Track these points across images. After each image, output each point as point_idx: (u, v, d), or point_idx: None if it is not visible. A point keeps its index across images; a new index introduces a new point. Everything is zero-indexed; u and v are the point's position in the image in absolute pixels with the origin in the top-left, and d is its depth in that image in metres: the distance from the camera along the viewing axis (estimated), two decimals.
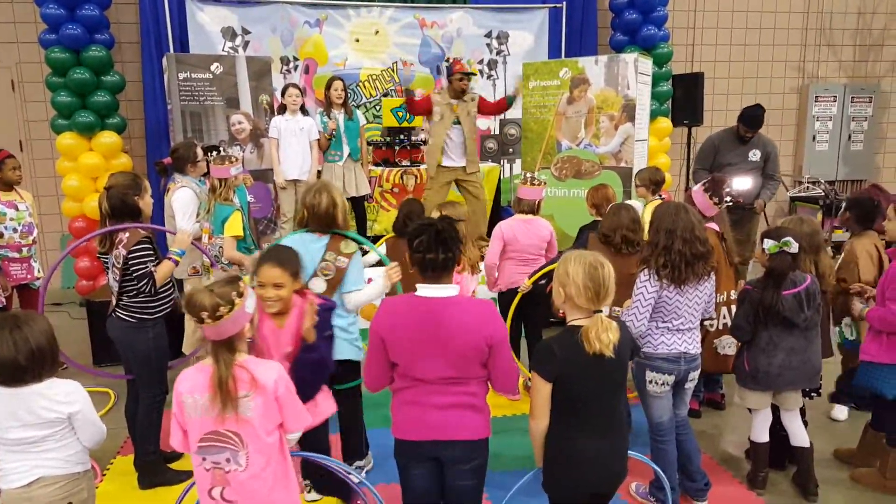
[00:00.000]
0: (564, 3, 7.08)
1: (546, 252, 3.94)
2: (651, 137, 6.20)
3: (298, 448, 2.23)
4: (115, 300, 3.01)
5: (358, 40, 6.75)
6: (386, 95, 6.79)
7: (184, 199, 3.88)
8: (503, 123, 6.73)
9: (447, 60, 6.93)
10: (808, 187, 7.49)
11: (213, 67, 5.41)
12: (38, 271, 4.47)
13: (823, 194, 7.13)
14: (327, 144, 5.29)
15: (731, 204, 4.43)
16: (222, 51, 6.32)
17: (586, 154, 5.44)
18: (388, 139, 6.13)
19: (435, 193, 5.35)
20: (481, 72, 6.97)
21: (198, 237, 3.82)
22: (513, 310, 3.76)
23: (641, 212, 3.85)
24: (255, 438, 1.86)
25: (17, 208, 4.33)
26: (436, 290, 2.03)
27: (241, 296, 1.85)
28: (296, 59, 6.66)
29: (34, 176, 6.55)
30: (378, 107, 6.73)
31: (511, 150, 6.69)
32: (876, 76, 8.45)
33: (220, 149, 4.44)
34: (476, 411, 2.07)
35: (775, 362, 2.89)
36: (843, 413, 3.77)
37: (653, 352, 2.75)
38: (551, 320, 4.12)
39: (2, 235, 4.23)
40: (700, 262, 2.69)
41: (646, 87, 5.51)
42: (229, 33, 6.40)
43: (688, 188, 6.26)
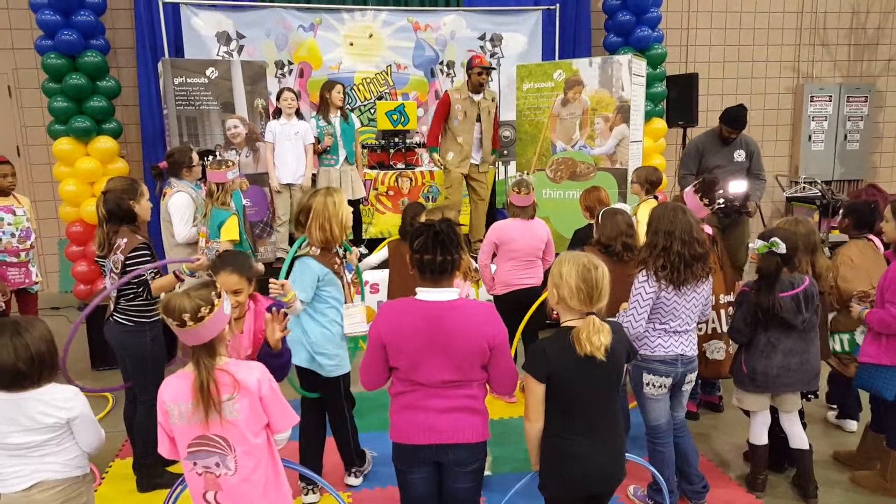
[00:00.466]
0: (558, 4, 7.08)
1: (544, 254, 3.94)
2: (646, 138, 6.20)
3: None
4: (112, 304, 3.03)
5: (352, 44, 6.75)
6: (380, 99, 6.79)
7: (180, 204, 3.89)
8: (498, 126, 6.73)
9: (440, 63, 6.95)
10: (804, 187, 7.50)
11: (208, 72, 5.41)
12: (36, 276, 4.49)
13: (820, 194, 7.13)
14: (321, 151, 5.30)
15: (723, 207, 4.45)
16: (217, 55, 6.33)
17: (581, 156, 5.44)
18: (383, 142, 6.13)
19: (458, 188, 5.53)
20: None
21: (195, 241, 3.82)
22: (527, 316, 3.69)
23: (631, 211, 3.84)
24: (242, 441, 1.86)
25: (14, 213, 4.34)
26: (436, 294, 2.03)
27: (219, 297, 1.85)
28: (290, 63, 6.66)
29: (31, 181, 6.55)
30: (372, 110, 6.73)
31: (506, 151, 6.69)
32: (871, 75, 8.46)
33: (215, 153, 4.44)
34: (476, 414, 2.07)
35: (774, 364, 2.89)
36: (852, 425, 3.69)
37: (650, 354, 2.75)
38: (546, 322, 4.11)
39: (0, 240, 4.24)
40: (698, 263, 2.69)
41: (640, 88, 5.52)
42: (224, 38, 6.41)
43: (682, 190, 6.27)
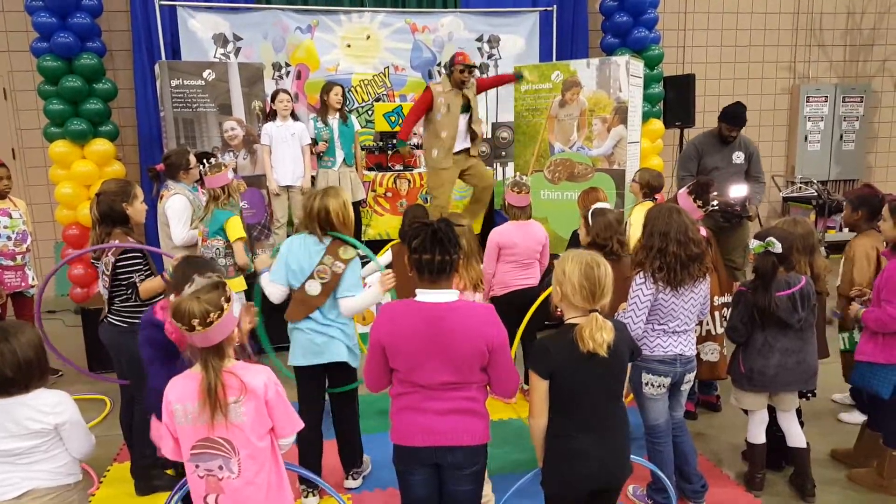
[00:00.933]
0: (555, 6, 7.10)
1: (540, 256, 3.94)
2: (643, 139, 6.22)
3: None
4: (106, 306, 3.03)
5: (349, 45, 6.76)
6: (378, 100, 6.79)
7: (177, 206, 3.88)
8: (495, 127, 6.74)
9: (438, 64, 6.95)
10: (800, 187, 7.52)
11: (205, 74, 5.40)
12: (33, 279, 4.49)
13: (816, 194, 7.15)
14: (318, 154, 5.30)
15: (724, 211, 4.44)
16: (214, 57, 6.33)
17: (579, 157, 5.45)
18: (381, 144, 6.13)
19: (449, 187, 5.26)
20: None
21: (193, 243, 3.82)
22: (528, 315, 3.67)
23: (626, 213, 3.84)
24: (246, 444, 1.86)
25: (10, 216, 4.34)
26: (435, 296, 2.02)
27: (228, 300, 1.82)
28: (288, 64, 6.66)
29: (27, 184, 6.54)
30: (370, 112, 6.74)
31: (504, 153, 6.70)
32: (867, 76, 8.51)
33: (213, 155, 4.43)
34: (477, 416, 2.07)
35: (771, 363, 2.90)
36: (856, 416, 3.69)
37: (649, 354, 2.75)
38: (546, 323, 4.11)
39: None
40: (695, 263, 2.69)
41: (637, 89, 5.53)
42: (221, 40, 6.41)
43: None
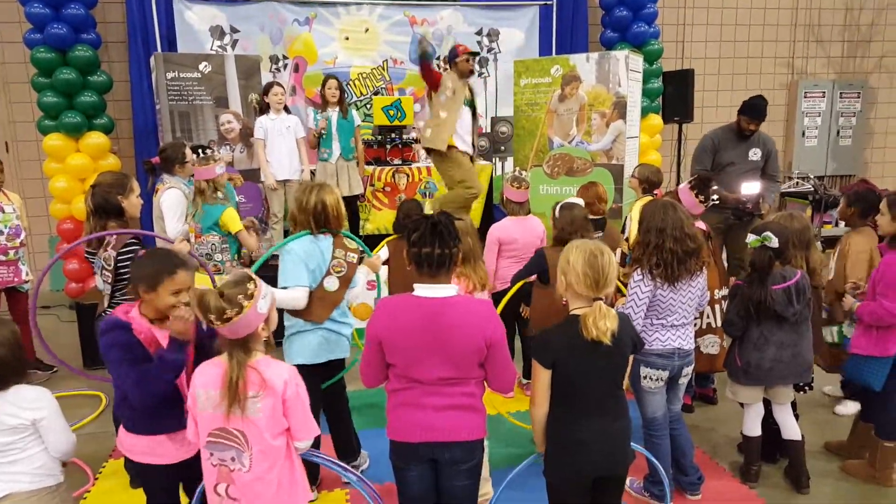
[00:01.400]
0: (555, 0, 7.08)
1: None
2: (642, 134, 6.22)
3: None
4: (106, 301, 2.99)
5: (348, 38, 6.72)
6: (377, 94, 6.77)
7: (172, 200, 3.85)
8: (495, 121, 6.73)
9: (437, 58, 6.91)
10: (797, 183, 7.53)
11: (201, 66, 5.37)
12: (27, 274, 4.43)
13: (813, 189, 7.17)
14: (315, 142, 5.25)
15: (735, 208, 4.41)
16: (210, 49, 6.29)
17: (578, 151, 5.44)
18: (380, 138, 6.11)
19: (467, 169, 4.85)
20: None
21: (185, 238, 3.80)
22: (501, 307, 3.70)
23: (629, 209, 3.84)
24: (259, 440, 1.85)
25: (3, 211, 4.29)
26: (434, 290, 2.01)
27: (250, 298, 1.81)
28: (285, 57, 6.63)
29: (21, 178, 6.48)
30: (369, 105, 6.71)
31: (503, 147, 6.69)
32: (864, 72, 8.51)
33: (209, 148, 4.41)
34: (473, 412, 2.07)
35: (767, 357, 2.91)
36: (850, 408, 3.71)
37: (647, 348, 2.75)
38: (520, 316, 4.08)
39: None
40: (692, 258, 2.70)
41: (637, 84, 5.52)
42: (217, 32, 6.37)
43: (678, 185, 6.27)
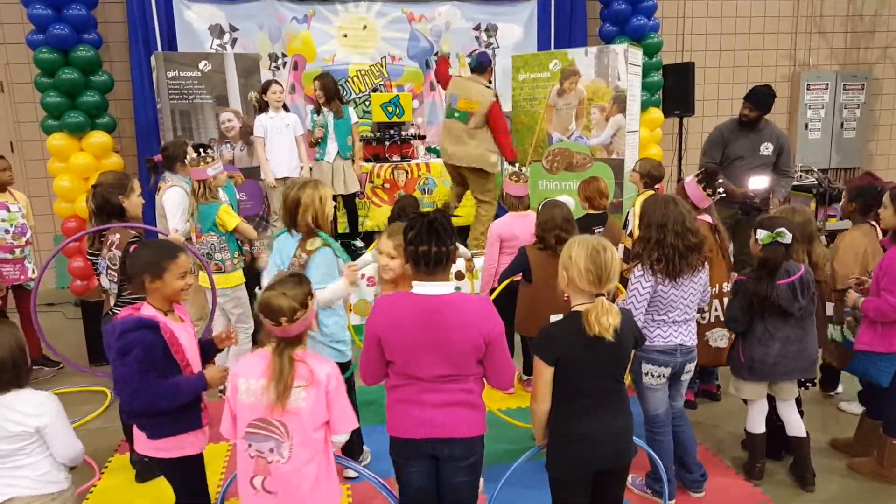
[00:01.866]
0: None
1: None
2: (642, 128, 6.18)
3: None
4: (113, 300, 3.00)
5: (346, 36, 6.71)
6: (375, 91, 6.75)
7: (174, 198, 3.87)
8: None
9: (435, 54, 6.90)
10: (801, 176, 7.49)
11: (201, 65, 5.37)
12: (33, 272, 4.48)
13: (817, 183, 7.12)
14: (314, 143, 5.27)
15: (742, 203, 4.37)
16: (210, 48, 6.29)
17: (577, 146, 5.42)
18: (378, 135, 6.10)
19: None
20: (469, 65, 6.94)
21: (187, 237, 3.81)
22: (494, 295, 3.66)
23: (631, 204, 3.82)
24: (300, 431, 1.87)
25: (8, 210, 4.32)
26: (432, 288, 2.02)
27: (311, 295, 1.90)
28: (284, 55, 6.62)
29: (26, 177, 6.50)
30: (367, 102, 6.70)
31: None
32: (868, 63, 8.45)
33: (211, 147, 4.41)
34: (472, 408, 2.07)
35: (771, 352, 2.89)
36: (855, 407, 3.64)
37: (649, 345, 2.74)
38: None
39: None
40: (693, 253, 2.68)
41: (636, 77, 5.50)
42: (217, 31, 6.37)
43: (680, 179, 6.24)
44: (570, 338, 2.03)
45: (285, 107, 5.29)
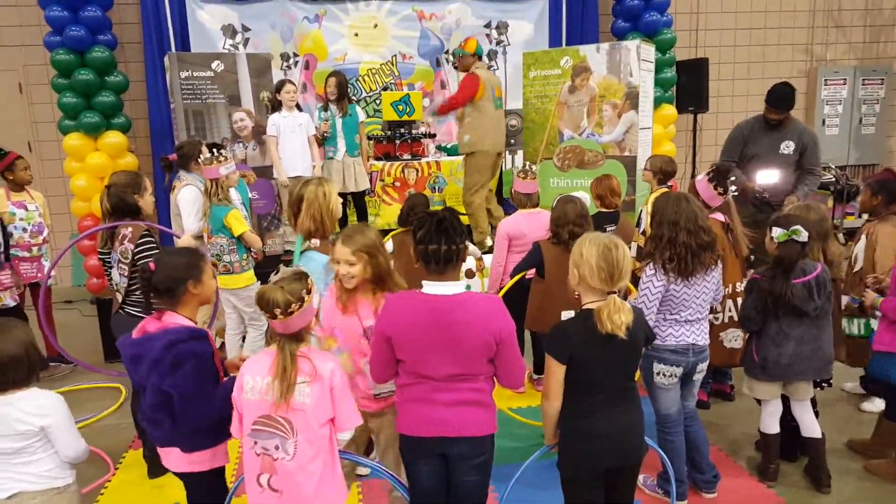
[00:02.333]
0: None
1: None
2: (655, 125, 6.12)
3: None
4: (122, 297, 3.02)
5: (357, 34, 6.73)
6: (386, 89, 6.77)
7: (189, 197, 3.90)
8: (504, 114, 6.68)
9: (446, 52, 6.90)
10: None
11: (214, 65, 5.41)
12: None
13: (834, 180, 7.03)
14: (320, 142, 5.31)
15: (754, 199, 4.31)
16: (223, 48, 6.34)
17: (589, 143, 5.38)
18: (389, 133, 6.11)
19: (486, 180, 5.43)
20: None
21: (198, 236, 3.83)
22: (502, 292, 3.66)
23: (644, 201, 3.79)
24: (306, 427, 1.88)
25: (26, 208, 4.39)
26: (442, 288, 2.01)
27: (309, 292, 1.89)
28: (296, 55, 6.66)
29: (43, 177, 6.60)
30: (378, 101, 6.71)
31: (513, 140, 6.65)
32: (888, 57, 8.30)
33: (224, 147, 4.45)
34: (483, 407, 2.07)
35: (786, 352, 2.86)
36: (877, 405, 3.61)
37: (661, 343, 2.72)
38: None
39: (11, 235, 4.28)
40: (706, 252, 2.65)
41: (649, 74, 5.44)
42: (229, 31, 6.42)
43: (693, 176, 6.17)
44: (583, 335, 2.02)
45: (298, 106, 5.33)
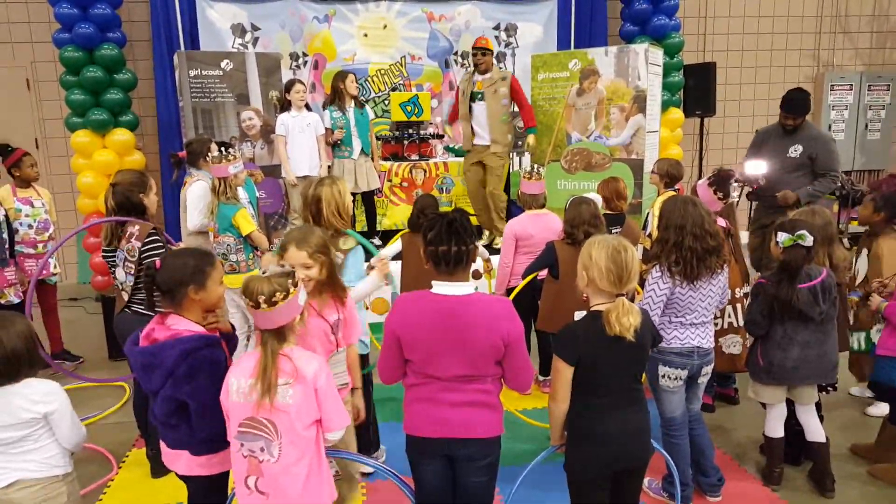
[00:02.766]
0: None
1: None
2: (663, 128, 6.14)
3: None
4: (128, 295, 3.01)
5: (366, 35, 6.74)
6: (394, 90, 6.78)
7: (198, 192, 3.90)
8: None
9: (455, 53, 6.91)
10: None
11: (223, 64, 5.43)
12: (55, 267, 4.58)
13: (840, 185, 7.01)
14: (333, 143, 5.31)
15: (750, 192, 4.32)
16: (232, 47, 6.35)
17: (597, 146, 5.40)
18: (397, 134, 6.13)
19: (471, 174, 5.60)
20: None
21: (204, 230, 3.84)
22: (514, 296, 3.68)
23: (651, 205, 3.80)
24: (289, 430, 1.86)
25: (32, 205, 4.40)
26: (451, 288, 2.02)
27: (295, 286, 1.89)
28: (305, 54, 6.67)
29: (50, 173, 6.63)
30: (386, 101, 6.73)
31: (520, 142, 6.66)
32: (894, 63, 8.29)
33: (232, 146, 4.46)
34: (490, 409, 2.07)
35: (791, 356, 2.86)
36: (882, 409, 3.58)
37: (666, 346, 2.72)
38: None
39: (17, 231, 4.29)
40: (712, 256, 2.65)
41: (657, 77, 5.46)
42: (239, 30, 6.44)
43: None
44: (591, 337, 2.03)
45: (307, 106, 5.35)
